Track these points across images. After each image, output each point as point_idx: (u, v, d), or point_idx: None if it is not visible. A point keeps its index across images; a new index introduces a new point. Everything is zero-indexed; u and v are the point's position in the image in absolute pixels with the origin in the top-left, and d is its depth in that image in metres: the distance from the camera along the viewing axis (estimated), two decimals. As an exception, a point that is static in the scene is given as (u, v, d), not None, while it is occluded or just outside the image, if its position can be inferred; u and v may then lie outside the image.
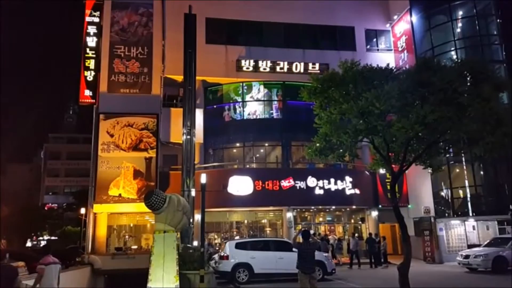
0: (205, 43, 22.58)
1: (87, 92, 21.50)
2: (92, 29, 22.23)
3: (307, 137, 14.39)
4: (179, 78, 21.36)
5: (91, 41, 22.09)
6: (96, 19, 22.42)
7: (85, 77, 21.68)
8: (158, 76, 21.77)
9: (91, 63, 21.88)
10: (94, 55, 21.94)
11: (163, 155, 21.89)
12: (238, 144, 23.19)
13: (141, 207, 11.26)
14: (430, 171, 14.27)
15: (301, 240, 8.27)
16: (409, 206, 22.77)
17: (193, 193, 18.21)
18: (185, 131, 19.45)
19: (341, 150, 11.97)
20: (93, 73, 21.75)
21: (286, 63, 23.13)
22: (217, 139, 23.06)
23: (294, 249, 8.47)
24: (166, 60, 21.90)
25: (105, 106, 20.92)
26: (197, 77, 21.05)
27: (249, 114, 23.31)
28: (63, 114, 70.64)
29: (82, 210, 24.26)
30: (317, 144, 12.07)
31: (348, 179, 21.26)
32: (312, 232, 20.41)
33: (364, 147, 21.11)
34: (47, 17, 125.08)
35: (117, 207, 20.03)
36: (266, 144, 23.71)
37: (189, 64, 20.29)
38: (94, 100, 21.46)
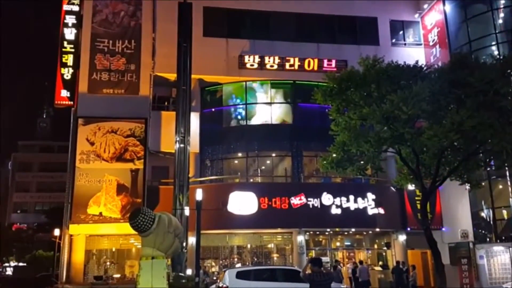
0: (203, 35, 22.45)
1: (64, 93, 21.46)
2: (70, 19, 22.27)
3: (322, 146, 14.61)
4: (172, 76, 21.46)
5: (69, 33, 22.14)
6: (76, 8, 22.46)
7: (62, 75, 21.66)
8: (148, 74, 21.76)
9: (69, 59, 21.89)
10: (72, 50, 21.96)
11: (152, 166, 21.83)
12: (240, 154, 23.00)
13: (126, 228, 11.44)
14: (468, 187, 14.86)
15: (312, 271, 7.94)
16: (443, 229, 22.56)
17: (186, 211, 18.07)
18: (178, 139, 19.54)
19: (361, 162, 12.02)
20: (71, 70, 21.76)
21: (297, 59, 22.91)
22: (215, 148, 22.88)
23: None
24: (156, 56, 22.01)
25: (85, 109, 20.88)
26: (193, 76, 21.17)
27: (253, 119, 22.99)
28: (35, 118, 71.73)
29: (56, 232, 24.28)
30: (334, 155, 12.06)
31: (370, 196, 20.98)
32: (326, 260, 20.00)
33: (389, 158, 20.82)
34: (19, 8, 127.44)
35: (97, 228, 19.84)
36: (274, 154, 23.36)
37: (183, 60, 20.43)
38: (72, 102, 21.39)
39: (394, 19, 25.29)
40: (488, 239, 20.87)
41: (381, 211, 21.26)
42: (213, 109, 23.88)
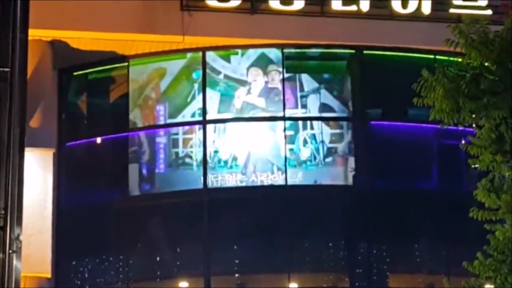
0: None
1: None
2: None
3: (457, 261, 10.37)
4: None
5: None
6: None
7: None
8: None
9: None
10: None
11: None
12: (185, 286, 13.81)
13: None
14: None
15: None
16: None
17: None
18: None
19: None
20: None
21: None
22: (102, 265, 14.13)
23: None
24: None
25: None
26: (35, 32, 11.24)
27: (227, 172, 14.02)
28: None
29: None
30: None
31: None
32: None
33: None
34: None
35: None
36: (294, 286, 14.08)
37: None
38: None
39: None
40: None
41: None
42: (97, 139, 13.78)
